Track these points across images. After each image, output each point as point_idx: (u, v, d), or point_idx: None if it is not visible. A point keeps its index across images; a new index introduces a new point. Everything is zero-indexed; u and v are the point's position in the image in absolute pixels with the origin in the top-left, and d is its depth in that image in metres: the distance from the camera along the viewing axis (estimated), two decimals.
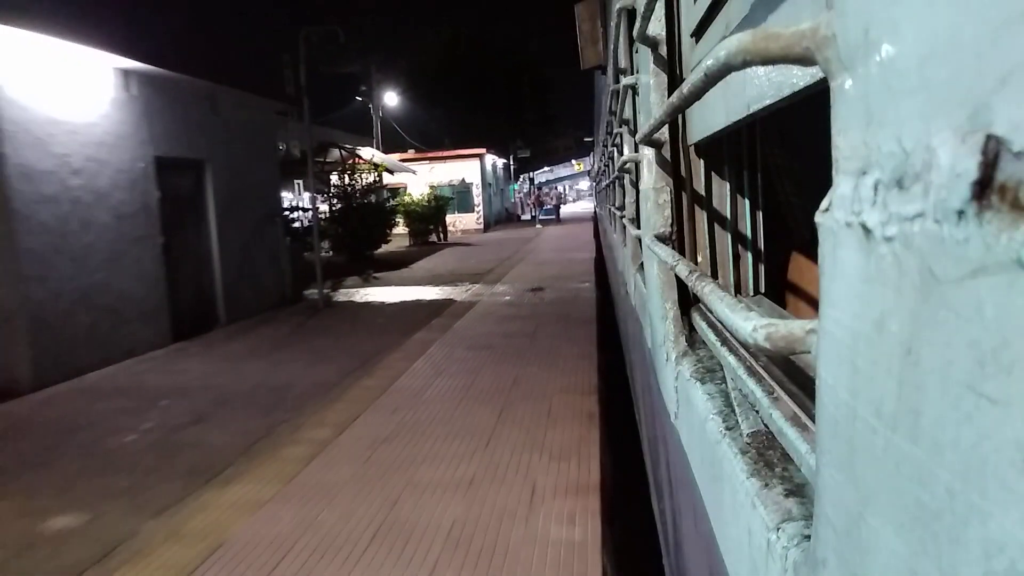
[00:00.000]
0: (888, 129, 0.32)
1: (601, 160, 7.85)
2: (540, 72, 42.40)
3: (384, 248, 17.24)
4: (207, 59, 8.00)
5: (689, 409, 1.16)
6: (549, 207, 33.60)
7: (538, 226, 29.52)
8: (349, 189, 15.54)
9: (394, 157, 22.93)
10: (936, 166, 0.28)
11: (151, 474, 3.90)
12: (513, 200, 39.16)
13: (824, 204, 0.40)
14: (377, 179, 16.44)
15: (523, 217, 37.23)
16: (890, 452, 0.32)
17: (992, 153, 0.25)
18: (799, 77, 0.59)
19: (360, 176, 15.90)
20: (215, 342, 7.69)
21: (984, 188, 0.25)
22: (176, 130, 7.77)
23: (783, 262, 1.44)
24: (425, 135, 33.38)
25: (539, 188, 42.49)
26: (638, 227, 2.06)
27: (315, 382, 5.63)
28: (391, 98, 28.35)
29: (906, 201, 0.30)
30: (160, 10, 7.33)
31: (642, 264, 2.18)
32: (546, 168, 50.23)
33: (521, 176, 41.13)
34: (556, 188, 46.08)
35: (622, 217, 3.35)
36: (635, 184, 2.32)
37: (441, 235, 23.30)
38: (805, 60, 0.42)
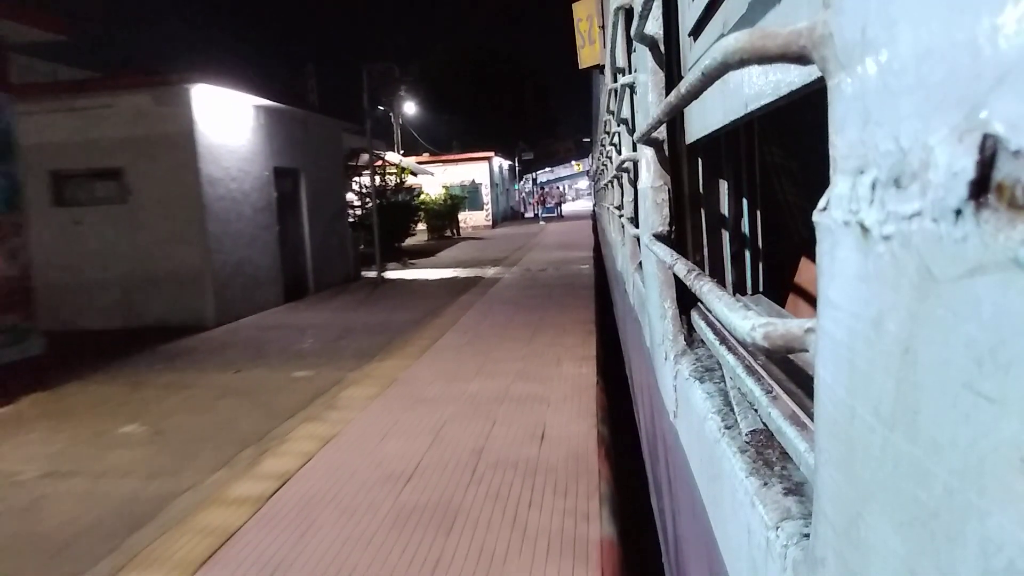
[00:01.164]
0: (885, 128, 0.32)
1: (599, 159, 7.86)
2: (542, 79, 43.11)
3: (407, 241, 19.38)
4: (301, 93, 11.59)
5: (688, 408, 1.16)
6: (551, 205, 34.27)
7: (541, 223, 30.64)
8: (381, 189, 17.42)
9: (411, 160, 24.53)
10: (933, 165, 0.28)
11: (332, 358, 6.48)
12: (517, 199, 39.87)
13: (822, 203, 0.40)
14: (401, 180, 18.74)
15: (527, 215, 37.98)
16: (888, 451, 0.32)
17: (989, 152, 0.24)
18: (796, 76, 0.59)
19: (387, 177, 18.08)
20: (315, 303, 10.42)
21: (981, 187, 0.25)
22: (284, 147, 10.68)
23: (782, 261, 1.44)
24: (435, 139, 34.11)
25: (542, 188, 42.98)
26: (636, 226, 2.06)
27: (403, 321, 8.18)
28: (409, 107, 29.49)
29: (903, 200, 0.30)
30: (274, 61, 10.50)
31: (641, 263, 2.17)
32: (548, 169, 51.03)
33: (524, 176, 41.75)
34: (557, 187, 46.45)
35: (620, 216, 3.34)
36: (633, 183, 2.32)
37: (455, 231, 25.20)
38: (802, 59, 0.42)
